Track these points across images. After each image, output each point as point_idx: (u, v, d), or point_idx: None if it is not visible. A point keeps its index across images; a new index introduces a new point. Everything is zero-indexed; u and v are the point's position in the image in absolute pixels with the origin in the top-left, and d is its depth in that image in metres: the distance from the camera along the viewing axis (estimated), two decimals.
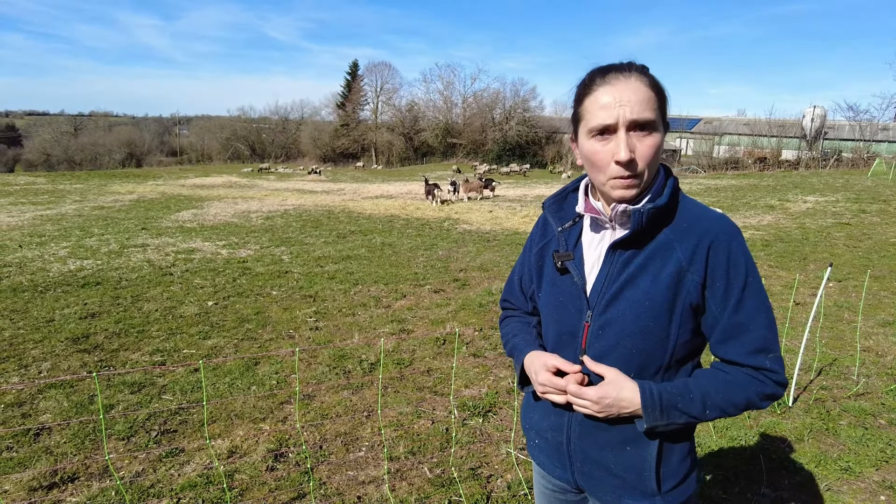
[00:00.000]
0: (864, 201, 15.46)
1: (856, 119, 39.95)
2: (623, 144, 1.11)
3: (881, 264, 8.36)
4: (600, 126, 1.13)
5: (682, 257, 1.17)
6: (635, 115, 1.11)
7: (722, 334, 1.19)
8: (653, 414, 1.16)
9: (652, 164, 1.15)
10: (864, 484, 3.02)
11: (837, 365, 4.59)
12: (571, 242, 1.31)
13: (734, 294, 1.17)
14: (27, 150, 63.60)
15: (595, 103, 1.14)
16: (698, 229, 1.18)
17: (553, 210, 1.37)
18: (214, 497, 2.89)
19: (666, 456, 1.25)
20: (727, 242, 1.17)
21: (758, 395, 1.17)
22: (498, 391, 4.16)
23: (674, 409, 1.16)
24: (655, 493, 1.26)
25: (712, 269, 1.16)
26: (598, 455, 1.29)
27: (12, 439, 3.46)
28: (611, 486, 1.29)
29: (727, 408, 1.18)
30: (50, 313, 6.03)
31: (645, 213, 1.15)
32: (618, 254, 1.22)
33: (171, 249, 9.84)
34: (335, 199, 18.91)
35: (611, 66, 1.16)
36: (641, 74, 1.14)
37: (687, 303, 1.18)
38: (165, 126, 78.33)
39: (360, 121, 60.89)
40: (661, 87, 1.17)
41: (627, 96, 1.11)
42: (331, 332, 5.55)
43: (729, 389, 1.17)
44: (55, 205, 16.97)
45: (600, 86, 1.14)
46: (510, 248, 10.01)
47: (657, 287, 1.17)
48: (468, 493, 2.91)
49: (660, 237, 1.19)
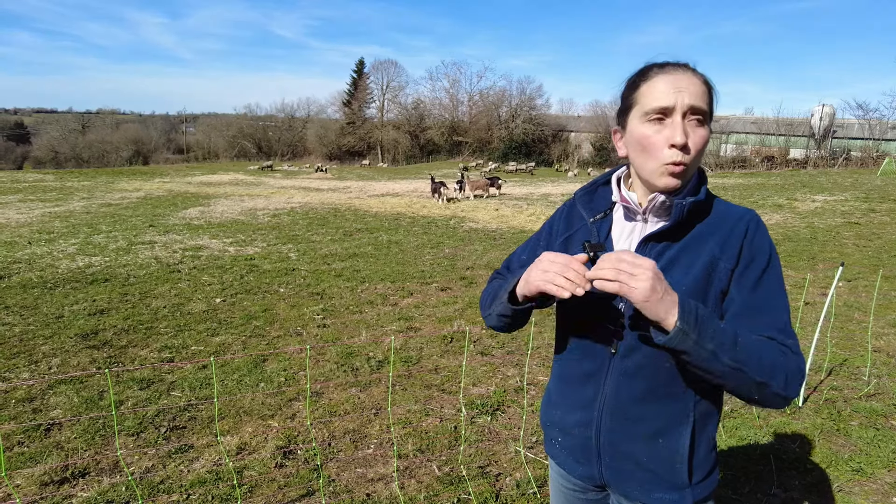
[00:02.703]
0: (874, 200, 15.34)
1: (865, 117, 39.58)
2: (679, 128, 1.13)
3: (891, 264, 8.29)
4: (658, 108, 1.15)
5: (715, 249, 1.19)
6: (694, 101, 1.14)
7: (739, 309, 1.16)
8: (688, 320, 1.04)
9: (700, 155, 1.18)
10: (877, 485, 3.00)
11: (848, 365, 4.56)
12: (603, 234, 1.32)
13: (753, 274, 1.18)
14: (35, 148, 64.05)
15: (653, 87, 1.16)
16: (729, 221, 1.22)
17: (585, 201, 1.38)
18: (224, 493, 2.90)
19: (697, 447, 1.25)
20: (754, 229, 1.21)
21: (784, 366, 1.11)
22: (506, 389, 4.15)
23: (707, 326, 1.06)
24: (686, 485, 1.25)
25: (741, 254, 1.19)
26: (628, 448, 1.28)
27: (23, 434, 3.49)
28: (640, 480, 1.28)
29: (756, 357, 1.08)
30: (59, 310, 6.06)
31: (687, 205, 1.18)
32: (650, 246, 1.23)
33: (178, 246, 9.88)
34: (341, 197, 18.94)
35: (665, 61, 1.20)
36: (696, 71, 1.19)
37: (718, 290, 1.19)
38: (172, 124, 78.72)
39: (365, 119, 60.96)
40: (712, 86, 1.20)
41: (686, 84, 1.14)
42: (338, 329, 5.56)
43: (761, 342, 1.12)
44: (63, 202, 17.08)
45: (658, 74, 1.17)
46: (517, 247, 9.99)
47: (690, 278, 1.18)
48: (477, 492, 2.90)
49: (694, 231, 1.21)
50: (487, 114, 55.13)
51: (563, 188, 22.28)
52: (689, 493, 1.26)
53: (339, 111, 63.22)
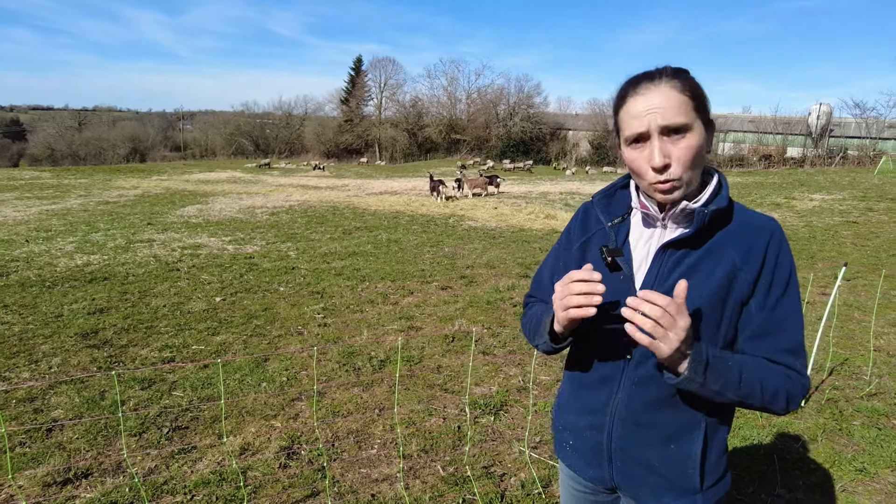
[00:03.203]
0: (872, 199, 15.39)
1: (862, 116, 39.72)
2: (657, 150, 1.14)
3: (889, 263, 8.31)
4: (634, 135, 1.17)
5: (736, 258, 1.19)
6: (666, 121, 1.13)
7: (758, 329, 1.19)
8: (697, 370, 1.10)
9: (691, 164, 1.16)
10: (880, 485, 3.00)
11: (849, 365, 4.57)
12: (621, 238, 1.31)
13: (776, 293, 1.18)
14: (32, 145, 63.66)
15: (627, 114, 1.18)
16: (752, 230, 1.21)
17: (602, 205, 1.37)
18: (228, 494, 2.89)
19: (708, 452, 1.25)
20: (778, 243, 1.20)
21: (786, 389, 1.16)
22: (509, 389, 4.15)
23: (714, 371, 1.11)
24: (697, 490, 1.26)
25: (763, 267, 1.18)
26: (640, 453, 1.28)
27: (25, 435, 3.47)
28: (652, 484, 1.28)
29: (758, 390, 1.14)
30: (58, 308, 6.04)
31: (709, 213, 1.17)
32: (669, 253, 1.22)
33: (177, 245, 9.85)
34: (340, 196, 18.90)
35: (643, 74, 1.19)
36: (673, 79, 1.15)
37: (738, 300, 1.19)
38: (169, 121, 78.41)
39: (363, 116, 60.82)
40: (696, 87, 1.17)
41: (657, 102, 1.13)
42: (339, 328, 5.55)
43: (765, 372, 1.16)
44: (60, 199, 17.01)
45: (631, 96, 1.17)
46: (516, 246, 9.99)
47: (710, 287, 1.18)
48: (482, 492, 2.90)
49: (714, 238, 1.21)
50: (485, 112, 55.09)
51: (561, 187, 22.26)
52: (699, 499, 1.26)
53: (337, 109, 63.07)
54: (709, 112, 1.20)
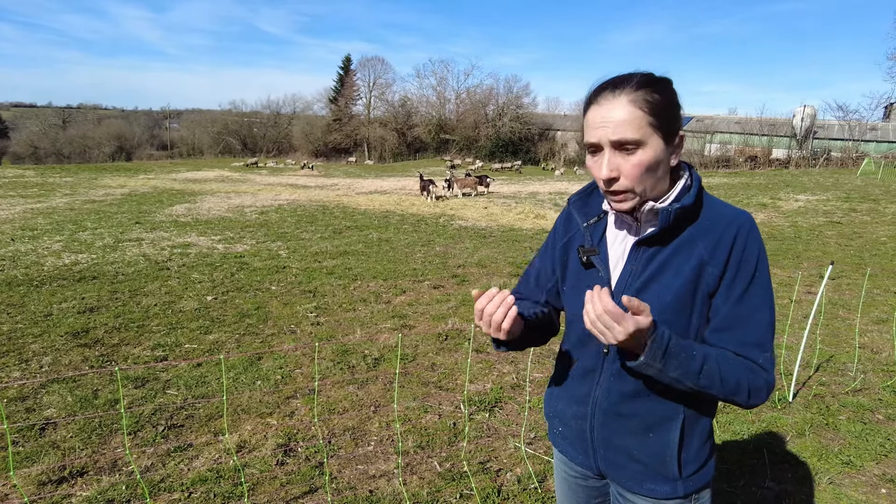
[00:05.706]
0: (854, 200, 15.66)
1: (845, 118, 40.35)
2: (604, 164, 1.17)
3: (872, 262, 8.48)
4: (589, 144, 1.21)
5: (703, 252, 1.21)
6: (616, 136, 1.14)
7: (721, 323, 1.22)
8: (656, 354, 1.13)
9: (641, 179, 1.17)
10: (865, 477, 3.09)
11: (835, 361, 4.67)
12: (597, 238, 1.34)
13: (740, 286, 1.20)
14: (14, 143, 62.68)
15: (587, 122, 1.21)
16: (720, 224, 1.22)
17: (578, 206, 1.40)
18: (226, 491, 2.89)
19: (687, 441, 1.29)
20: (745, 235, 1.21)
21: (748, 382, 1.17)
22: (503, 386, 4.19)
23: (673, 358, 1.14)
24: (677, 478, 1.30)
25: (728, 260, 1.20)
26: (620, 442, 1.33)
27: (18, 434, 3.44)
28: (633, 471, 1.33)
29: (718, 381, 1.16)
30: (48, 307, 5.98)
31: (672, 212, 1.20)
32: (642, 250, 1.26)
33: (166, 244, 9.78)
34: (329, 195, 18.85)
35: (608, 82, 1.19)
36: (635, 90, 1.14)
37: (705, 293, 1.22)
38: (156, 119, 77.64)
39: (352, 116, 60.72)
40: (658, 102, 1.15)
41: (611, 116, 1.14)
42: (332, 327, 5.56)
43: (727, 363, 1.18)
44: (46, 198, 16.78)
45: (593, 105, 1.19)
46: (507, 245, 10.05)
47: (679, 281, 1.21)
48: (479, 487, 2.94)
49: (684, 234, 1.23)
50: (475, 112, 55.20)
51: (550, 187, 22.39)
52: (680, 485, 1.31)
53: (326, 108, 62.91)
54: (675, 124, 1.19)
